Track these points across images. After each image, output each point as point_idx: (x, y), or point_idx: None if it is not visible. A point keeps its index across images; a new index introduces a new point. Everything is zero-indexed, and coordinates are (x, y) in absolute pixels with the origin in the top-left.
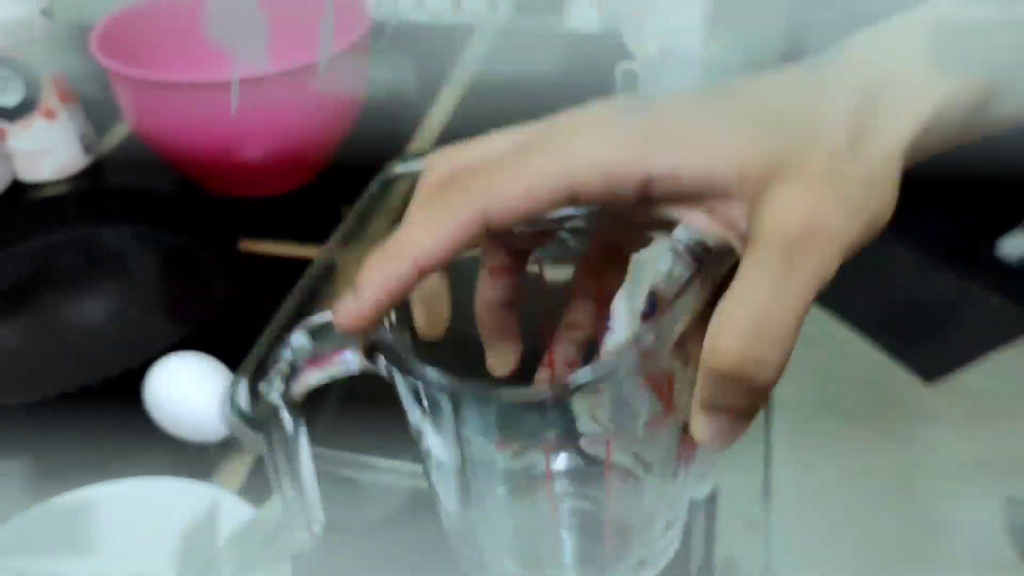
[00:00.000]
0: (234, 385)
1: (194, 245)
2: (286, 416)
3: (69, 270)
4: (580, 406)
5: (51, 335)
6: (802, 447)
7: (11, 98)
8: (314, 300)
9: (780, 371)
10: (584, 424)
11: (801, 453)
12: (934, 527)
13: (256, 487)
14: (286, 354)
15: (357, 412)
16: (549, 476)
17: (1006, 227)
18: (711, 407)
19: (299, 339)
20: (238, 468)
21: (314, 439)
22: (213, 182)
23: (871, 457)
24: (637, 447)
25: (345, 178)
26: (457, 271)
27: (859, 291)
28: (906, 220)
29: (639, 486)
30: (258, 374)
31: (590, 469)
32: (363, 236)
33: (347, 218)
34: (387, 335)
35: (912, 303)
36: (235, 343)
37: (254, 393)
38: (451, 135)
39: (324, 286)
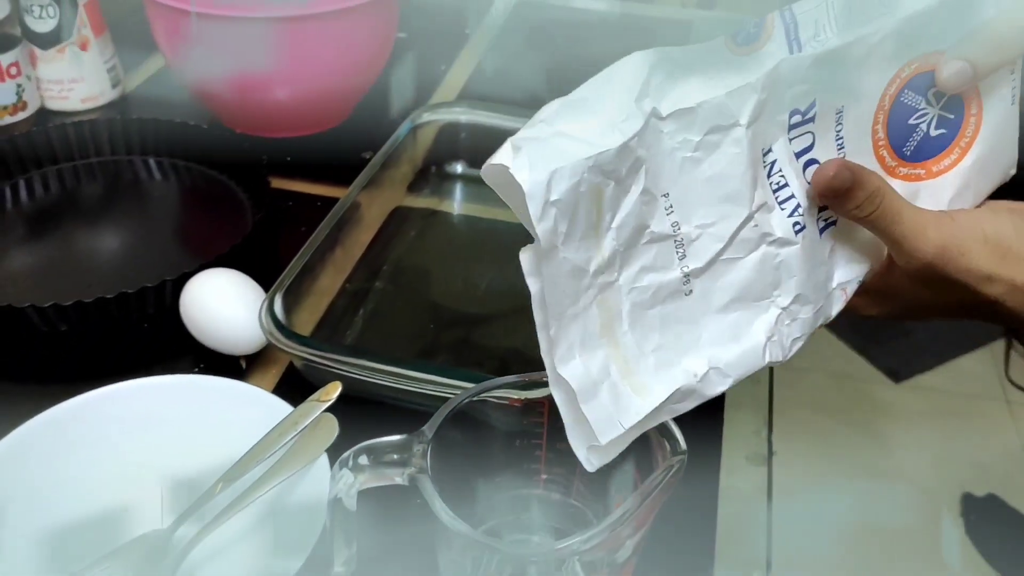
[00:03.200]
0: (270, 298)
1: (224, 178)
2: (349, 503)
3: (97, 195)
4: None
5: (82, 255)
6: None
7: (45, 24)
8: (339, 233)
9: None
10: None
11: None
12: (893, 522)
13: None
14: (352, 468)
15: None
16: None
17: None
18: None
19: (363, 459)
20: (266, 381)
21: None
22: (242, 121)
23: (837, 449)
24: None
25: (371, 124)
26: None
27: None
28: None
29: None
30: (290, 291)
31: None
32: (386, 180)
33: (372, 162)
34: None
35: None
36: (266, 266)
37: (286, 307)
38: (478, 84)
39: (348, 222)
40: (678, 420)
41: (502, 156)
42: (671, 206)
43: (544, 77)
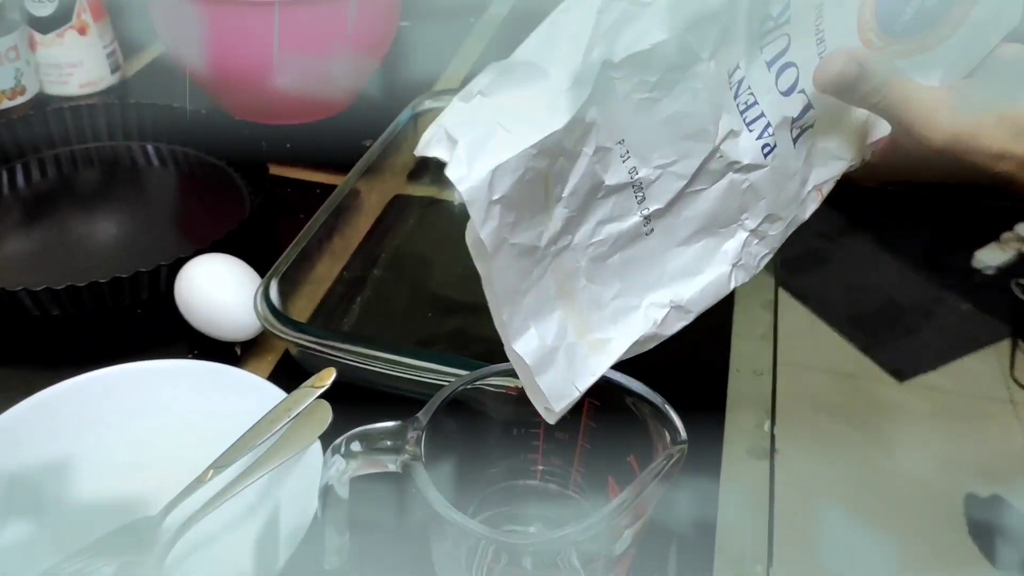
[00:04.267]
0: (266, 284)
1: (223, 164)
2: (341, 491)
3: (95, 181)
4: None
5: (79, 240)
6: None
7: (44, 9)
8: (338, 220)
9: None
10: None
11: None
12: (896, 521)
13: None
14: (344, 454)
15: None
16: None
17: (983, 239)
18: None
19: (355, 445)
20: (261, 368)
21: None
22: (241, 107)
23: (840, 448)
24: None
25: (372, 112)
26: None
27: (840, 291)
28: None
29: None
30: (286, 278)
31: None
32: (386, 167)
33: (372, 149)
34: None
35: (889, 306)
36: (263, 253)
37: (282, 293)
38: (481, 72)
39: (347, 210)
40: (678, 412)
41: (436, 147)
42: (627, 152)
43: None
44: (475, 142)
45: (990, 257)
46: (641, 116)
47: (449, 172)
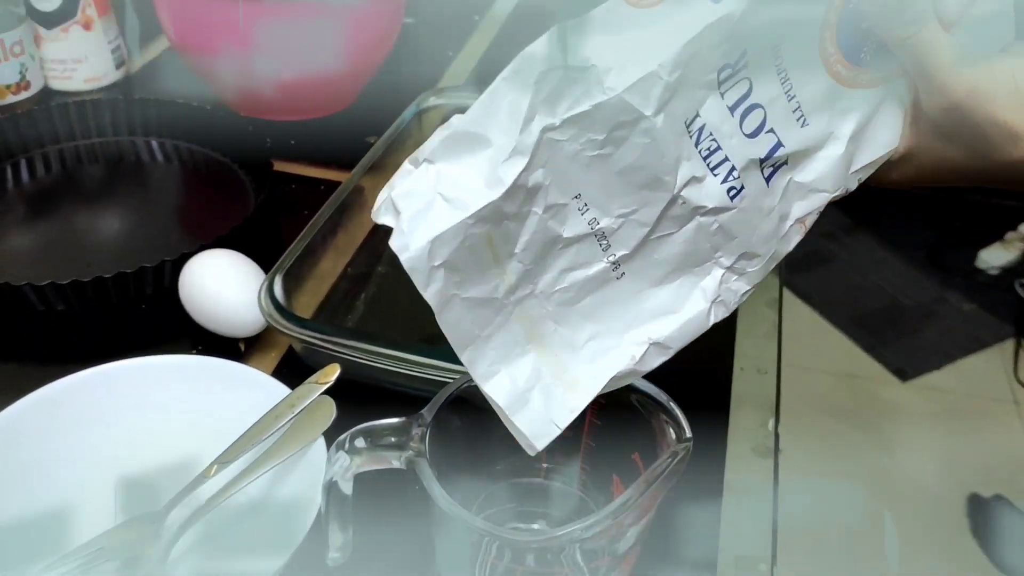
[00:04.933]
0: (270, 280)
1: (227, 160)
2: (345, 487)
3: (99, 176)
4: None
5: (83, 235)
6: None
7: (49, 3)
8: (342, 217)
9: None
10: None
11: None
12: (899, 521)
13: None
14: (348, 451)
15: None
16: None
17: (987, 239)
18: None
19: (359, 441)
20: (265, 364)
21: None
22: (246, 103)
23: (843, 448)
24: None
25: (377, 109)
26: None
27: (843, 291)
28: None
29: None
30: (290, 274)
31: None
32: (391, 164)
33: (376, 146)
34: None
35: (893, 305)
36: (268, 249)
37: (286, 289)
38: (486, 70)
39: (351, 206)
40: (682, 410)
41: (385, 216)
42: (585, 205)
43: None
44: (416, 214)
45: (994, 257)
46: (594, 171)
47: (392, 243)
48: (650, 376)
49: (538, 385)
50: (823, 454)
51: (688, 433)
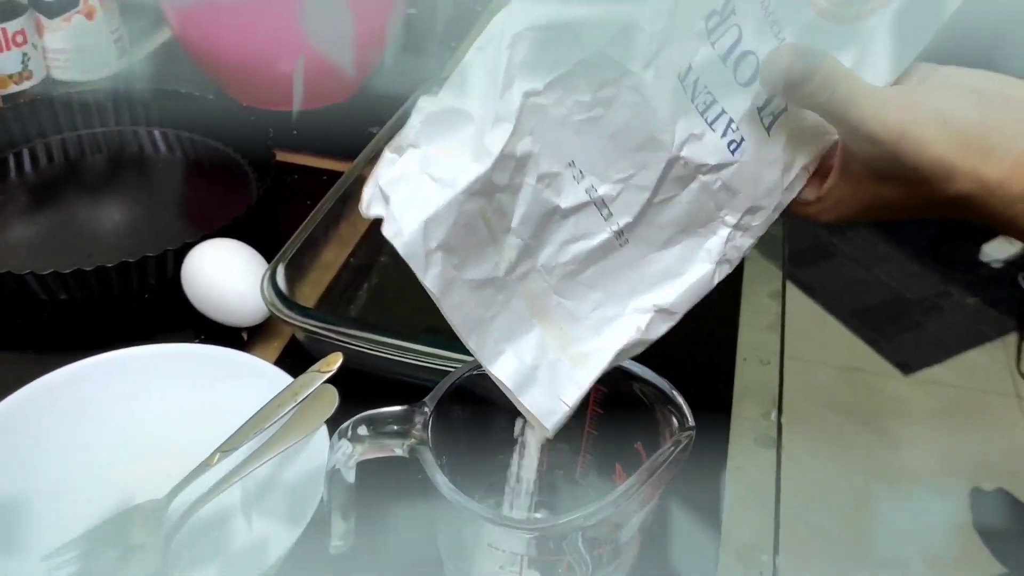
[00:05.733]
0: (272, 269)
1: (229, 150)
2: (348, 475)
3: (101, 166)
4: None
5: (85, 225)
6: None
7: None
8: (344, 207)
9: None
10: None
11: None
12: (901, 515)
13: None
14: (350, 439)
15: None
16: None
17: (990, 232)
18: None
19: (362, 429)
20: (268, 353)
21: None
22: (248, 93)
23: (845, 441)
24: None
25: (379, 99)
26: None
27: (846, 284)
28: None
29: None
30: (293, 263)
31: None
32: None
33: (378, 136)
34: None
35: (895, 299)
36: (270, 239)
37: (289, 279)
38: None
39: (353, 196)
40: (685, 400)
41: (375, 206)
42: (580, 172)
43: None
44: (406, 198)
45: (997, 250)
46: (586, 136)
47: (384, 231)
48: (654, 365)
49: (544, 361)
50: (824, 447)
51: (691, 421)
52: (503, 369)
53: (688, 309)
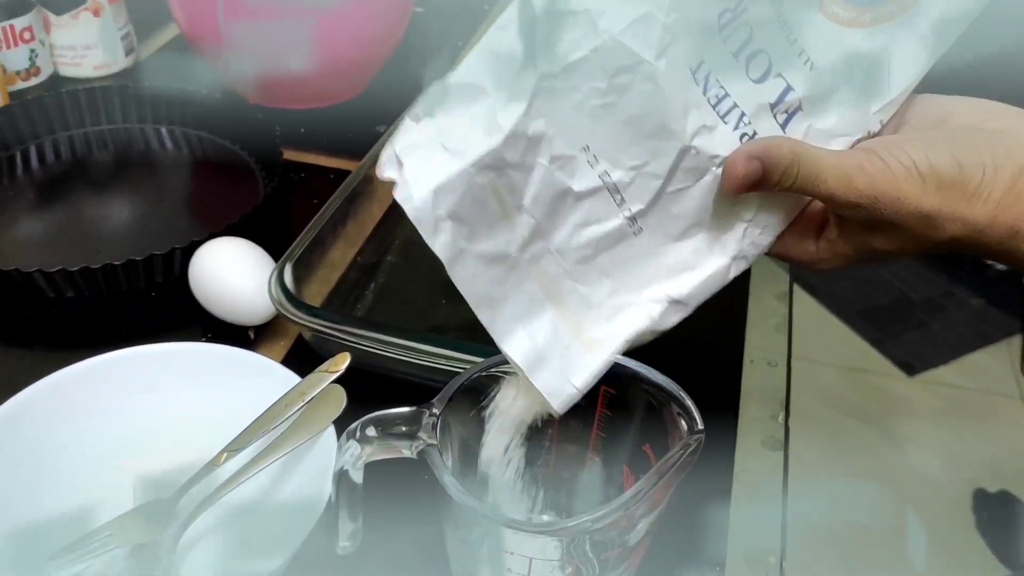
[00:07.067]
0: (280, 268)
1: (236, 148)
2: (356, 476)
3: (108, 163)
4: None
5: (92, 222)
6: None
7: None
8: (351, 206)
9: None
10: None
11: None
12: (905, 516)
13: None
14: (359, 439)
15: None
16: None
17: None
18: None
19: (370, 430)
20: (274, 352)
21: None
22: (256, 91)
23: (850, 442)
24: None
25: (387, 98)
26: None
27: (851, 285)
28: None
29: None
30: (300, 262)
31: None
32: None
33: (386, 134)
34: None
35: (900, 300)
36: (277, 238)
37: (296, 278)
38: None
39: (360, 195)
40: (693, 401)
41: (389, 170)
42: (595, 157)
43: None
44: (418, 164)
45: None
46: (601, 122)
47: (396, 195)
48: (661, 367)
49: (557, 344)
50: (830, 448)
51: (700, 425)
52: (515, 348)
53: (702, 302)
